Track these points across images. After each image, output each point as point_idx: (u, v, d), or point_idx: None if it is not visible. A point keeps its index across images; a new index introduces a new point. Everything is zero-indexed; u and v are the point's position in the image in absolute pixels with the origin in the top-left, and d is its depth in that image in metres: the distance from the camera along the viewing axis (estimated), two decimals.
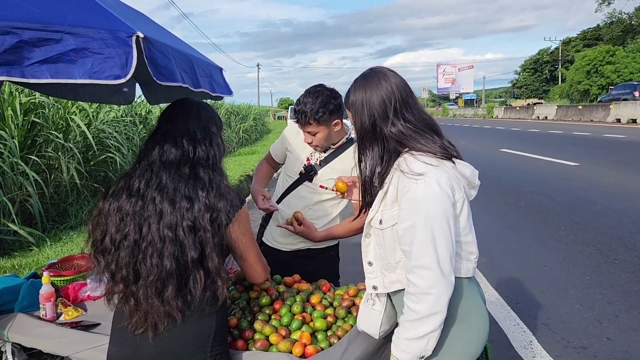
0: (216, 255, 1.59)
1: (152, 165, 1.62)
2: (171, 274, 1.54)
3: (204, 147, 1.67)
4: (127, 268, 1.56)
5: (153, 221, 1.56)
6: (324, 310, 2.07)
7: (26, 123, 6.31)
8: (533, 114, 37.86)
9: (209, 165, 1.66)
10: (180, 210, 1.56)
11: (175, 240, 1.55)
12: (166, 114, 1.74)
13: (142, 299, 1.56)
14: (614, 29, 46.49)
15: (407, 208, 1.51)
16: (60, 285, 2.33)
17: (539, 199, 8.02)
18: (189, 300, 1.58)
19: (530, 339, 3.53)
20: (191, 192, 1.59)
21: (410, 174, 1.51)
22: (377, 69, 1.67)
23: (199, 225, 1.56)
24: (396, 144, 1.59)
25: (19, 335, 2.04)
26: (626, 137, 17.55)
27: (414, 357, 1.52)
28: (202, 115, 1.73)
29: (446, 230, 1.48)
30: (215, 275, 1.59)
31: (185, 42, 2.23)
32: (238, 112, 23.47)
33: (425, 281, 1.47)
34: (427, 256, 1.47)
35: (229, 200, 1.63)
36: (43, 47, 1.29)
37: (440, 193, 1.48)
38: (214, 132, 1.73)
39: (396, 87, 1.60)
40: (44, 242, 5.43)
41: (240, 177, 10.04)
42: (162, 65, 1.45)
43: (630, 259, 5.04)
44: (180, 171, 1.61)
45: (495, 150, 15.56)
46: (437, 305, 1.47)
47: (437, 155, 1.56)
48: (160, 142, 1.66)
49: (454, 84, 79.11)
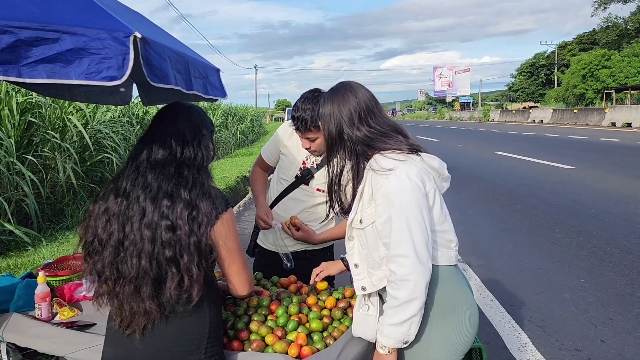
0: (189, 254, 1.55)
1: (140, 166, 1.62)
2: (147, 273, 1.53)
3: (192, 147, 1.66)
4: (111, 267, 1.56)
5: (135, 220, 1.55)
6: (320, 311, 2.07)
7: (23, 123, 6.29)
8: (529, 118, 38.00)
9: (194, 166, 1.65)
10: (161, 208, 1.55)
11: (154, 239, 1.54)
12: (158, 116, 1.74)
13: (123, 299, 1.56)
14: (610, 34, 46.69)
15: (382, 202, 1.59)
16: (55, 285, 2.32)
17: (534, 202, 8.04)
18: (165, 300, 1.57)
19: (524, 341, 3.54)
20: (174, 190, 1.57)
21: (381, 171, 1.60)
22: (346, 83, 1.78)
23: (177, 224, 1.54)
24: (363, 146, 1.69)
25: (14, 335, 2.03)
26: (621, 140, 17.64)
27: (398, 342, 1.60)
28: (192, 117, 1.73)
29: (420, 219, 1.56)
30: (185, 274, 1.55)
31: (183, 44, 2.23)
32: (235, 113, 23.45)
33: (403, 268, 1.54)
34: (404, 245, 1.55)
35: (212, 201, 1.61)
36: (40, 46, 1.29)
37: (410, 185, 1.57)
38: (204, 134, 1.73)
39: (362, 99, 1.71)
40: (39, 242, 5.41)
41: (237, 178, 10.04)
42: (156, 67, 1.45)
43: (624, 262, 5.06)
44: (165, 170, 1.60)
45: (491, 153, 15.61)
46: (416, 291, 1.54)
47: (403, 151, 1.65)
48: (149, 143, 1.65)
49: (451, 86, 79.35)
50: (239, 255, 1.69)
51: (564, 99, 44.80)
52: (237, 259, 1.68)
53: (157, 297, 1.56)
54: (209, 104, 17.65)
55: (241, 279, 1.71)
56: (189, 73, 1.80)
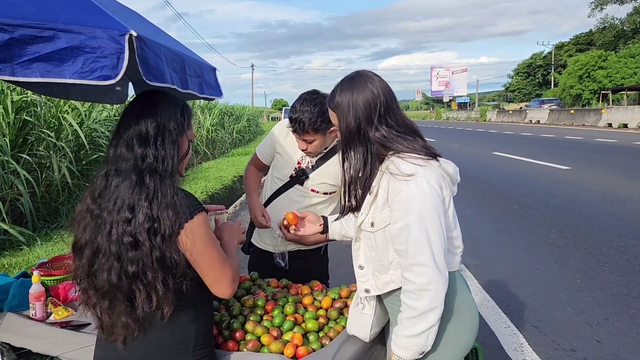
0: (152, 271, 1.46)
1: (109, 173, 1.54)
2: (119, 289, 1.49)
3: (154, 149, 1.52)
4: (87, 279, 1.53)
5: (104, 234, 1.49)
6: (316, 311, 2.07)
7: (18, 121, 6.26)
8: (525, 118, 38.08)
9: (157, 172, 1.51)
10: (123, 223, 1.46)
11: (119, 256, 1.47)
12: (124, 111, 1.62)
13: (101, 311, 1.54)
14: (607, 34, 46.86)
15: (400, 208, 1.54)
16: (50, 284, 2.31)
17: (531, 202, 8.06)
18: (140, 315, 1.51)
19: (520, 341, 3.54)
20: (135, 201, 1.47)
21: (400, 176, 1.54)
22: (364, 72, 1.68)
23: (138, 239, 1.45)
24: (379, 146, 1.62)
25: (8, 335, 2.02)
26: (617, 141, 17.69)
27: (415, 354, 1.56)
28: (158, 111, 1.57)
29: (439, 227, 1.52)
30: (152, 292, 1.48)
31: (179, 42, 2.22)
32: (232, 112, 23.42)
33: (422, 278, 1.50)
34: (423, 254, 1.50)
35: (176, 210, 1.47)
36: (35, 45, 1.29)
37: (430, 192, 1.52)
38: (170, 130, 1.57)
39: (381, 91, 1.62)
40: (34, 242, 5.39)
41: (234, 178, 10.03)
42: (152, 65, 1.44)
43: (620, 262, 5.08)
44: (128, 179, 1.49)
45: (488, 154, 15.63)
46: (435, 301, 1.50)
47: (422, 155, 1.59)
48: (116, 145, 1.56)
49: (448, 87, 79.48)
50: (213, 261, 1.56)
51: (561, 99, 44.93)
52: (212, 265, 1.56)
53: (131, 312, 1.51)
54: (206, 103, 17.63)
55: (221, 285, 1.58)
56: (184, 72, 1.79)
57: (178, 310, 1.55)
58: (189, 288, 1.54)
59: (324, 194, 2.58)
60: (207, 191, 8.20)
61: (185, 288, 1.53)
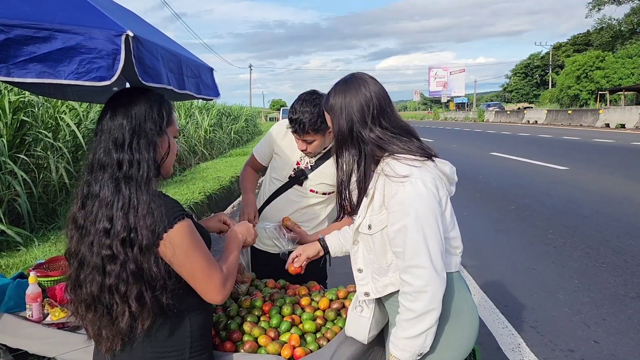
0: (126, 285, 1.42)
1: (89, 180, 1.48)
2: (100, 302, 1.46)
3: (130, 152, 1.45)
4: (74, 290, 1.51)
5: (87, 246, 1.45)
6: (314, 312, 2.06)
7: (15, 122, 6.24)
8: (523, 118, 38.15)
9: (133, 177, 1.43)
10: (102, 234, 1.41)
11: (100, 269, 1.43)
12: (101, 113, 1.54)
13: (87, 323, 1.52)
14: (604, 35, 46.94)
15: (397, 210, 1.54)
16: (47, 285, 2.30)
17: (528, 202, 8.07)
18: (119, 328, 1.47)
19: (518, 341, 3.55)
20: (113, 211, 1.41)
21: (395, 177, 1.54)
22: (358, 75, 1.70)
23: (116, 251, 1.40)
24: (374, 147, 1.62)
25: (5, 336, 2.02)
26: (615, 142, 17.73)
27: (413, 355, 1.56)
28: (130, 110, 1.48)
29: (436, 229, 1.52)
30: (124, 304, 1.43)
31: (177, 43, 2.21)
32: (230, 113, 23.40)
33: (420, 280, 1.50)
34: (420, 256, 1.50)
35: (153, 219, 1.40)
36: (31, 45, 1.28)
37: (426, 193, 1.52)
38: (147, 131, 1.48)
39: (375, 94, 1.63)
40: (31, 242, 5.37)
41: (232, 178, 10.02)
42: (149, 66, 1.43)
43: (617, 262, 5.08)
44: (106, 186, 1.43)
45: (486, 154, 15.65)
46: (433, 302, 1.51)
47: (417, 156, 1.59)
48: (94, 150, 1.48)
49: (446, 87, 79.56)
50: (197, 270, 1.49)
51: (559, 99, 45.03)
52: (196, 276, 1.49)
53: (112, 325, 1.48)
54: (203, 103, 17.61)
55: (209, 292, 1.53)
56: (181, 72, 1.79)
57: (164, 321, 1.53)
58: (169, 300, 1.48)
59: (323, 194, 2.58)
60: (205, 192, 8.19)
61: (166, 301, 1.47)
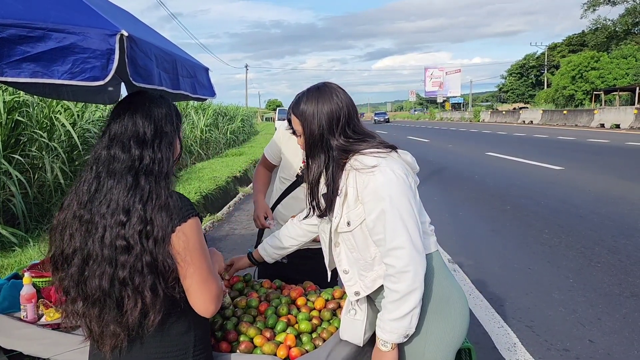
0: (140, 276, 1.42)
1: (100, 174, 1.49)
2: (109, 296, 1.44)
3: (152, 150, 1.50)
4: (76, 287, 1.48)
5: (97, 238, 1.44)
6: (309, 312, 2.06)
7: (10, 122, 6.22)
8: (519, 118, 38.27)
9: (153, 173, 1.48)
10: (117, 226, 1.42)
11: (112, 260, 1.43)
12: (115, 111, 1.56)
13: (90, 320, 1.50)
14: (599, 35, 47.18)
15: (372, 199, 1.60)
16: (42, 286, 2.29)
17: (524, 202, 8.09)
18: (127, 323, 1.46)
19: (513, 341, 3.55)
20: (130, 203, 1.43)
21: (365, 169, 1.62)
22: (330, 84, 1.77)
23: (132, 242, 1.42)
24: (340, 152, 1.69)
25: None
26: (610, 142, 17.80)
27: (400, 337, 1.61)
28: (154, 112, 1.54)
29: (411, 210, 1.60)
30: (137, 296, 1.44)
31: (172, 42, 2.21)
32: (226, 113, 23.38)
33: (401, 260, 1.56)
34: (400, 236, 1.57)
35: (169, 212, 1.44)
36: (24, 44, 1.27)
37: (396, 178, 1.59)
38: (167, 132, 1.55)
39: (345, 104, 1.71)
40: (26, 243, 5.36)
41: (227, 178, 10.01)
42: (141, 66, 1.43)
43: (613, 262, 5.10)
44: (123, 180, 1.45)
45: (482, 154, 15.68)
46: (415, 282, 1.56)
47: (381, 149, 1.67)
48: (108, 146, 1.51)
49: (442, 87, 79.79)
50: (201, 269, 1.49)
51: (554, 100, 45.20)
52: (199, 274, 1.49)
53: (120, 320, 1.47)
54: (199, 103, 17.57)
55: (204, 297, 1.50)
56: (176, 72, 1.78)
57: (173, 318, 1.53)
58: (181, 294, 1.49)
59: None
60: (201, 192, 8.18)
61: (179, 293, 1.49)
